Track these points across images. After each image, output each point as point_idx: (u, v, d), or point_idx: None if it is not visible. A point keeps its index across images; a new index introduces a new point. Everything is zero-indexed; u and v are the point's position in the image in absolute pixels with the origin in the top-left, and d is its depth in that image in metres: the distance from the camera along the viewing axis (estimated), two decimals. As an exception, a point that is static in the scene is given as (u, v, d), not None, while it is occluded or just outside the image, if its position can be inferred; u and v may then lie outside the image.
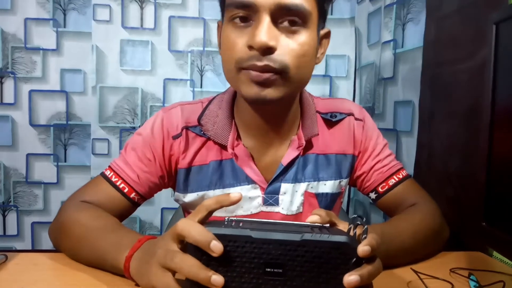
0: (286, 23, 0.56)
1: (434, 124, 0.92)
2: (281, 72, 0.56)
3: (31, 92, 1.38)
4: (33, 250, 1.40)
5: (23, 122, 1.38)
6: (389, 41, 1.12)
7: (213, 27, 1.41)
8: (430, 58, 0.94)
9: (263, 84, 0.56)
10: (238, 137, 0.67)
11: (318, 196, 0.71)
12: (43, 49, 1.37)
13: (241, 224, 0.42)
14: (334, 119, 0.72)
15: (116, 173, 0.67)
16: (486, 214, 0.52)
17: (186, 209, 0.77)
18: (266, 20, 0.54)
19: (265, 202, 0.69)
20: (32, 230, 1.41)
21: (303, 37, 0.57)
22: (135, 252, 0.48)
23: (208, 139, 0.68)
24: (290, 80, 0.57)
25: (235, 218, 0.43)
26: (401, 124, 1.06)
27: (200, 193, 0.69)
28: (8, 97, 1.37)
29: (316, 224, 0.45)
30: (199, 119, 0.68)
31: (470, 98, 0.80)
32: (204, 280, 0.38)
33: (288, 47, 0.56)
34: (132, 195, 0.66)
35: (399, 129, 1.06)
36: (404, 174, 0.74)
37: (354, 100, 1.47)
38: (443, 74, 0.90)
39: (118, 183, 0.66)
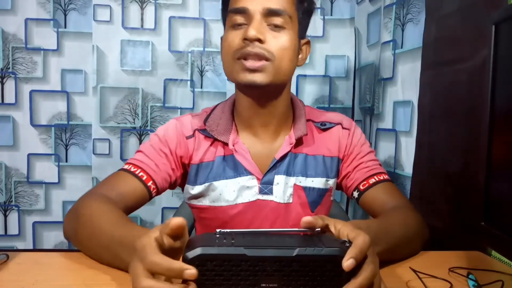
0: (272, 25, 0.71)
1: (434, 124, 0.93)
2: (269, 59, 0.69)
3: (32, 92, 1.38)
4: (34, 250, 1.40)
5: (24, 122, 1.38)
6: (388, 42, 1.12)
7: (213, 27, 1.41)
8: (429, 59, 0.94)
9: (255, 71, 0.69)
10: (238, 136, 0.78)
11: (305, 189, 0.79)
12: (43, 49, 1.38)
13: (233, 239, 0.41)
14: (323, 127, 0.82)
15: (135, 164, 0.74)
16: (485, 214, 0.52)
17: (190, 204, 0.83)
18: (257, 19, 0.69)
19: (261, 191, 0.77)
20: (33, 229, 1.41)
21: (285, 36, 0.71)
22: None
23: (214, 139, 0.78)
24: (275, 68, 0.70)
25: (227, 230, 0.43)
26: (400, 124, 1.06)
27: (207, 184, 0.78)
28: (9, 97, 1.38)
29: (309, 230, 0.45)
30: (205, 121, 0.79)
31: (470, 98, 0.80)
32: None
33: (273, 40, 0.70)
34: (150, 183, 0.73)
35: (399, 129, 1.07)
36: (385, 177, 0.79)
37: (353, 100, 1.47)
38: (442, 74, 0.90)
39: (137, 172, 0.73)
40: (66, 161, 1.42)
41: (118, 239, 0.53)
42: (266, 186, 0.77)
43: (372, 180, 0.78)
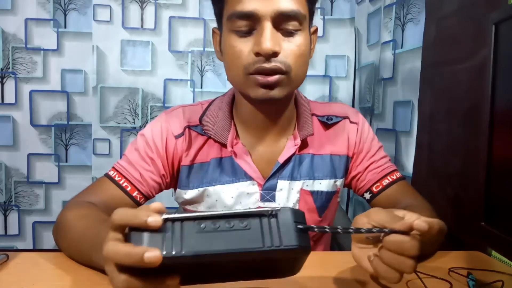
0: (284, 28, 0.61)
1: (434, 124, 0.93)
2: (286, 72, 0.61)
3: (32, 92, 1.38)
4: (34, 250, 1.40)
5: (24, 122, 1.38)
6: (388, 42, 1.12)
7: (213, 27, 1.41)
8: (429, 59, 0.94)
9: (270, 86, 0.61)
10: (237, 136, 0.71)
11: (313, 194, 0.73)
12: (43, 49, 1.38)
13: (182, 237, 0.35)
14: (330, 122, 0.75)
15: (120, 172, 0.69)
16: (486, 213, 0.52)
17: (185, 208, 0.78)
18: (268, 27, 0.59)
19: (262, 198, 0.71)
20: (33, 229, 1.42)
21: (300, 39, 0.62)
22: None
23: (209, 137, 0.71)
24: (292, 78, 0.63)
25: (174, 217, 0.36)
26: (400, 124, 1.06)
27: (201, 189, 0.72)
28: (9, 97, 1.38)
29: (268, 210, 0.38)
30: (200, 119, 0.72)
31: (470, 98, 0.80)
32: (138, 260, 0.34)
33: (289, 49, 0.61)
34: (135, 193, 0.69)
35: (399, 129, 1.07)
36: (398, 176, 0.75)
37: (353, 100, 1.47)
38: (442, 74, 0.90)
39: (121, 182, 0.68)
40: (66, 161, 1.42)
41: (89, 244, 0.51)
42: (268, 193, 0.71)
43: (385, 181, 0.73)
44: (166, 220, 0.36)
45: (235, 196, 0.71)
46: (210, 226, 0.36)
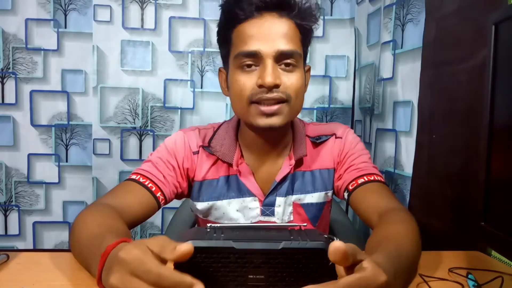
0: (283, 65, 0.70)
1: (433, 124, 0.93)
2: (286, 101, 0.70)
3: (32, 92, 1.38)
4: (35, 250, 1.41)
5: (24, 122, 1.38)
6: (388, 42, 1.12)
7: (213, 27, 1.40)
8: (429, 59, 0.94)
9: (272, 114, 0.69)
10: (242, 157, 0.79)
11: (304, 206, 0.80)
12: (44, 50, 1.38)
13: (223, 233, 0.43)
14: (318, 141, 0.83)
15: (144, 175, 0.74)
16: (485, 214, 0.52)
17: (198, 216, 0.86)
18: (270, 64, 0.68)
19: (263, 213, 0.79)
20: (34, 230, 1.41)
21: (297, 74, 0.71)
22: (102, 270, 0.45)
23: (218, 158, 0.79)
24: (291, 108, 0.71)
25: (217, 225, 0.45)
26: (400, 125, 1.06)
27: (210, 203, 0.80)
28: (10, 98, 1.38)
29: (296, 225, 0.47)
30: (209, 142, 0.80)
31: (470, 98, 0.80)
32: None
33: (288, 82, 0.70)
34: (158, 194, 0.73)
35: (399, 129, 1.07)
36: (376, 178, 0.75)
37: (353, 100, 1.48)
38: (442, 74, 0.90)
39: (146, 183, 0.73)
40: (67, 161, 1.42)
41: (93, 251, 0.50)
42: (268, 208, 0.78)
43: (361, 180, 0.75)
44: (210, 227, 0.44)
45: (239, 210, 0.79)
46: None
